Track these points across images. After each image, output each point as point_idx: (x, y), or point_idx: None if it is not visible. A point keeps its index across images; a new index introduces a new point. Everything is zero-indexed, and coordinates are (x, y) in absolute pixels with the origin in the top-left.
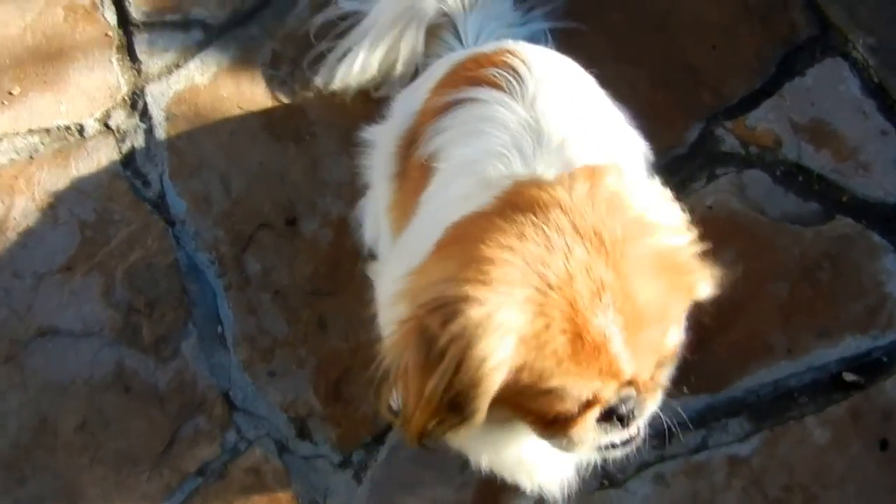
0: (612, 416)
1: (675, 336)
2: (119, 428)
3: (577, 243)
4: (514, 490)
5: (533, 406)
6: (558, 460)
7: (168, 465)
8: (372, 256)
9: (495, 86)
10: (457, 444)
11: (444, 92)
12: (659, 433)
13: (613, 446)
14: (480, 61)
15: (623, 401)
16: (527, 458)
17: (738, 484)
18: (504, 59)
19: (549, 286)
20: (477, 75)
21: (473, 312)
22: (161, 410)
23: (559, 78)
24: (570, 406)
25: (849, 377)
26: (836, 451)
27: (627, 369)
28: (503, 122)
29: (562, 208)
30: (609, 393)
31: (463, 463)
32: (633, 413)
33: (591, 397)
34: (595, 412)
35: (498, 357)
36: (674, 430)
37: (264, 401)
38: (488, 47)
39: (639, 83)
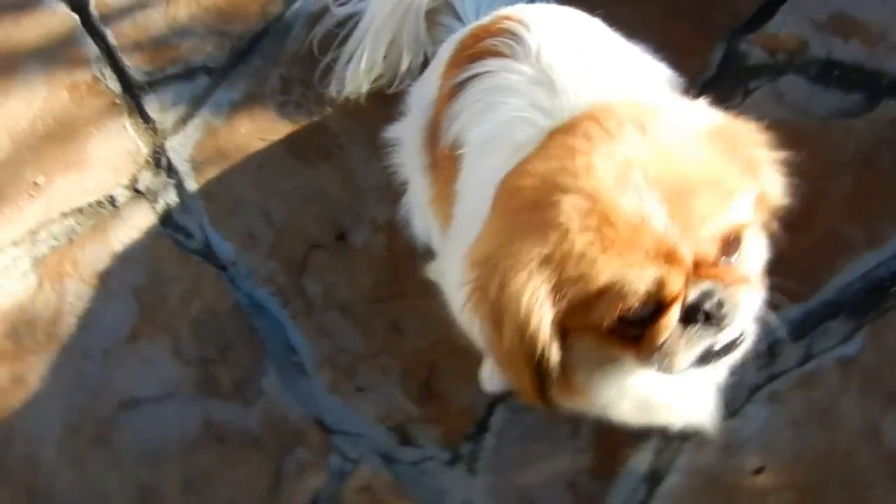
0: (698, 316)
1: (744, 211)
2: (222, 479)
3: (604, 139)
4: (632, 443)
5: (606, 320)
6: (695, 387)
7: (278, 499)
8: (428, 253)
9: (497, 54)
10: (594, 403)
11: (451, 75)
12: (762, 352)
13: (718, 354)
14: (479, 35)
15: (705, 295)
16: (662, 395)
17: (853, 385)
18: (501, 25)
19: (564, 190)
20: (478, 50)
21: (501, 263)
22: (259, 452)
23: (560, 27)
24: (636, 304)
25: None
26: None
27: (683, 248)
28: (514, 88)
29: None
30: (676, 282)
31: (573, 428)
32: (721, 307)
33: (654, 289)
34: (673, 312)
35: (528, 291)
36: (776, 347)
37: (359, 418)
38: (486, 19)
39: (651, 19)
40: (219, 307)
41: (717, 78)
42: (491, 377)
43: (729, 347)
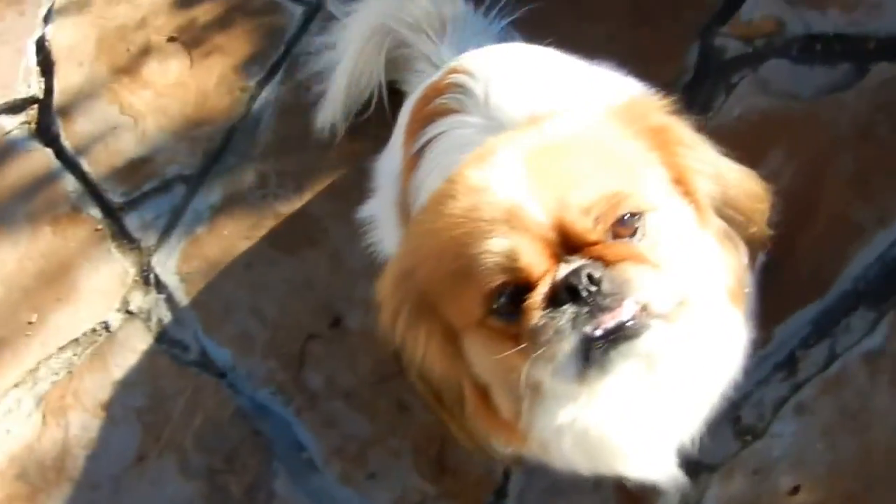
0: (564, 296)
1: (646, 190)
2: None
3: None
4: (655, 494)
5: (478, 310)
6: (648, 434)
7: None
8: None
9: (448, 112)
10: (532, 441)
11: (410, 142)
12: (782, 364)
13: (606, 344)
14: (430, 95)
15: (574, 272)
16: (607, 438)
17: (883, 379)
18: (448, 81)
19: (445, 202)
20: (430, 111)
21: None
22: None
23: (505, 67)
24: (495, 282)
25: None
26: None
27: (538, 215)
28: (466, 142)
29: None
30: (531, 254)
31: (593, 483)
32: (595, 284)
33: (507, 262)
34: (539, 291)
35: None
36: (796, 354)
37: None
38: (435, 76)
39: (617, 31)
40: (221, 416)
41: (696, 79)
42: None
43: (616, 335)
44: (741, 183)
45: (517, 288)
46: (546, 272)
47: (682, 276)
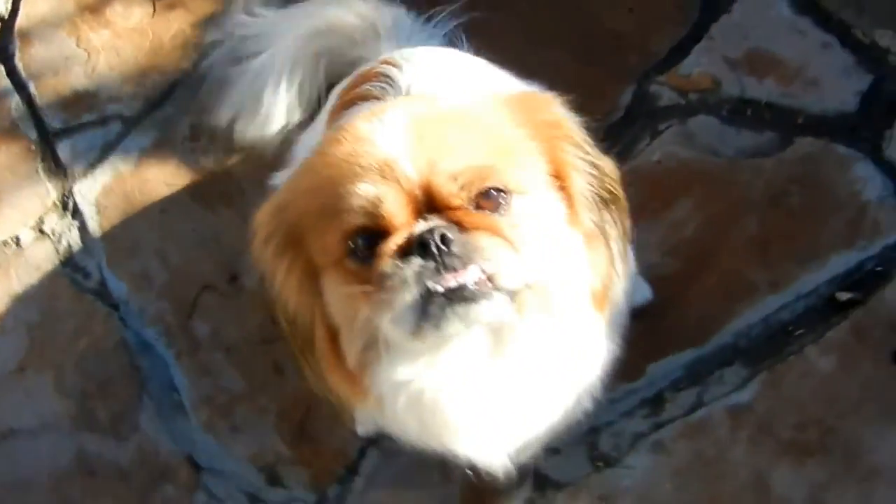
0: (415, 250)
1: (514, 171)
2: None
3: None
4: (504, 493)
5: (337, 245)
6: (485, 416)
7: None
8: None
9: (370, 98)
10: (372, 397)
11: (331, 123)
12: (649, 401)
13: (444, 303)
14: (358, 81)
15: (431, 230)
16: (444, 409)
17: (744, 434)
18: (377, 69)
19: (329, 148)
20: (355, 95)
21: None
22: (127, 486)
23: (432, 66)
24: (357, 222)
25: (843, 296)
26: (846, 376)
27: (410, 171)
28: None
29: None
30: (394, 204)
31: (444, 475)
32: (447, 244)
33: (371, 207)
34: (394, 240)
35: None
36: (664, 394)
37: (230, 457)
38: (368, 65)
39: (563, 64)
40: (105, 344)
41: (625, 119)
42: (363, 423)
43: (455, 296)
44: (610, 175)
45: (375, 233)
46: (404, 225)
47: (536, 261)
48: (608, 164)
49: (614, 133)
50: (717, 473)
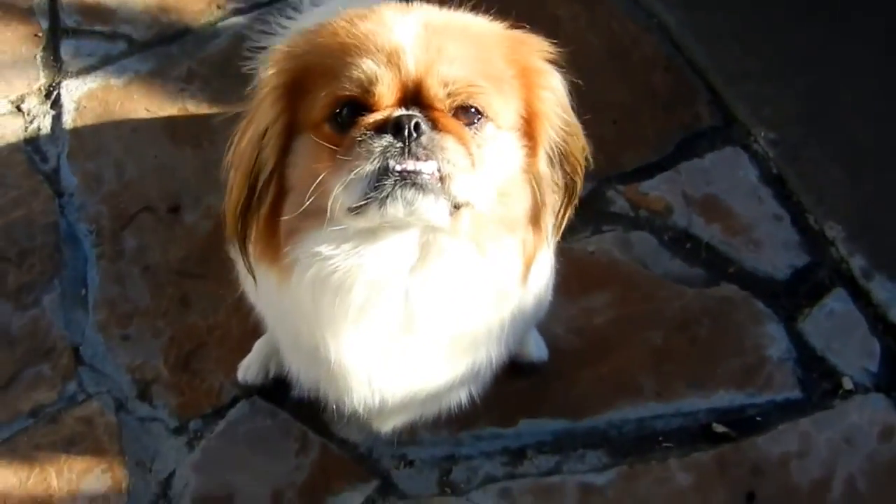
0: (396, 128)
1: (495, 99)
2: None
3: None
4: (349, 480)
5: (322, 110)
6: (383, 331)
7: (2, 402)
8: None
9: None
10: (284, 273)
11: None
12: (511, 451)
13: (397, 180)
14: None
15: (409, 117)
16: (343, 296)
17: None
18: None
19: (347, 22)
20: None
21: None
22: (9, 352)
23: None
24: (360, 80)
25: (719, 428)
26: (699, 496)
27: (411, 62)
28: None
29: None
30: (385, 84)
31: (302, 446)
32: (417, 133)
33: (366, 81)
34: (376, 115)
35: (269, 83)
36: (527, 452)
37: (112, 361)
38: None
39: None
40: (38, 221)
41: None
42: (248, 367)
43: (408, 180)
44: (578, 141)
45: (361, 107)
46: (388, 107)
47: (484, 187)
48: (580, 134)
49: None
50: None
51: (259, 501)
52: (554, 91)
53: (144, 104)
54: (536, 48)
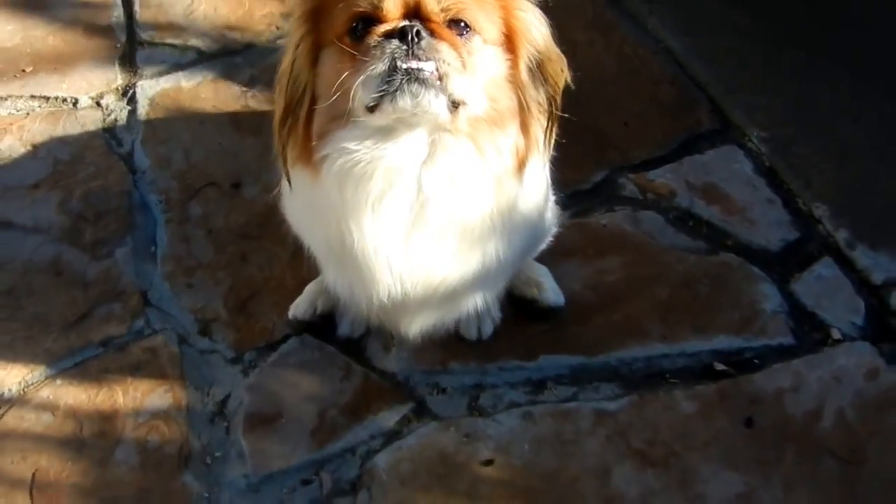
0: (402, 35)
1: (480, 16)
2: (42, 299)
3: None
4: (388, 401)
5: (342, 25)
6: (401, 218)
7: (76, 333)
8: None
9: None
10: (317, 170)
11: None
12: (533, 381)
13: (403, 76)
14: None
15: (411, 26)
16: (365, 179)
17: (602, 432)
18: None
19: None
20: None
21: None
22: (83, 293)
23: None
24: (363, 8)
25: (719, 366)
26: (702, 421)
27: None
28: None
29: None
30: (392, 5)
31: (346, 372)
32: (419, 39)
33: (377, 1)
34: (386, 26)
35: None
36: (547, 383)
37: (177, 304)
38: None
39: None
40: (113, 189)
41: (590, 192)
42: (298, 305)
43: (412, 76)
44: (553, 55)
45: (372, 20)
46: (395, 19)
47: (477, 88)
48: (559, 60)
49: (578, 197)
50: (569, 452)
51: (305, 417)
52: (525, 13)
53: (211, 102)
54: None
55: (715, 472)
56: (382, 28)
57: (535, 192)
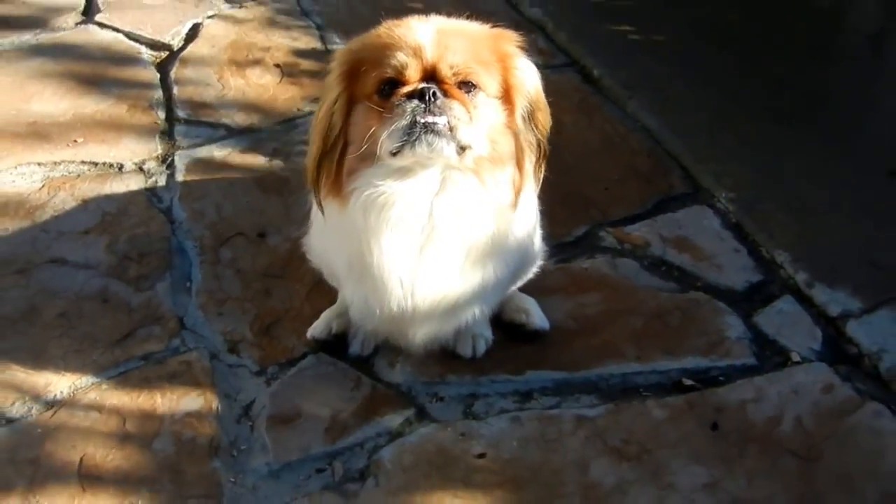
0: (420, 95)
1: (484, 76)
2: (91, 321)
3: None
4: (393, 407)
5: (372, 86)
6: (415, 240)
7: (120, 349)
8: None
9: None
10: (345, 203)
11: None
12: (520, 393)
13: (422, 129)
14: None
15: (428, 88)
16: (386, 210)
17: (582, 433)
18: None
19: (386, 29)
20: None
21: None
22: (127, 317)
23: None
24: (389, 73)
25: (688, 382)
26: (672, 425)
27: (429, 53)
28: None
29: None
30: (413, 70)
31: (356, 383)
32: (434, 99)
33: (399, 66)
34: (408, 88)
35: (335, 71)
36: (532, 394)
37: (209, 328)
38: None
39: (544, 199)
40: (156, 235)
41: (573, 244)
42: (315, 327)
43: (429, 129)
44: (542, 105)
45: (397, 83)
46: (415, 82)
47: (481, 136)
48: (546, 110)
49: (563, 248)
50: (552, 448)
51: (320, 418)
52: (522, 69)
53: (240, 167)
54: (511, 40)
55: (683, 466)
56: (405, 90)
57: (526, 219)
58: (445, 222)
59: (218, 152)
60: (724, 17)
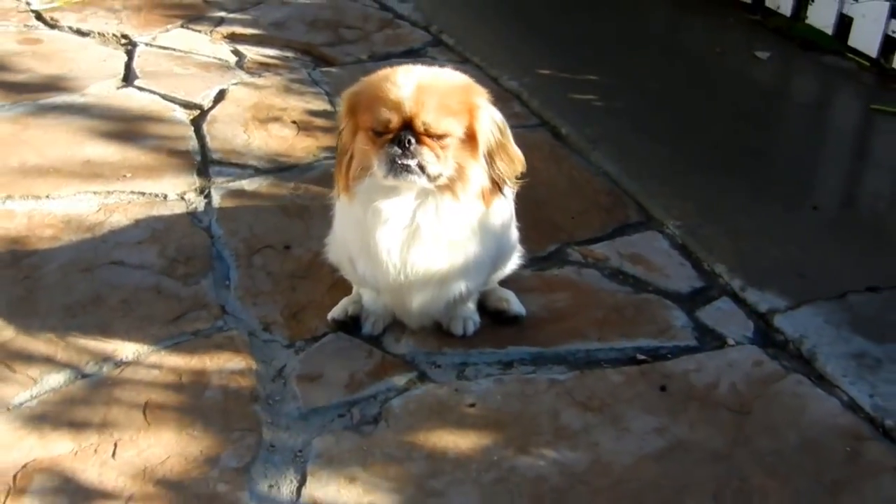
0: (399, 142)
1: (452, 125)
2: (147, 306)
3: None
4: (399, 370)
5: (368, 125)
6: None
7: (173, 326)
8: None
9: None
10: (355, 195)
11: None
12: (503, 363)
13: (400, 167)
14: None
15: (405, 135)
16: (379, 221)
17: (554, 391)
18: None
19: (378, 80)
20: None
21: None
22: (178, 304)
23: None
24: (379, 120)
25: (641, 357)
26: (627, 386)
27: (407, 109)
28: None
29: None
30: (395, 121)
31: (369, 354)
32: (409, 145)
33: (385, 118)
34: (391, 134)
35: (343, 107)
36: (513, 363)
37: (247, 313)
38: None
39: (520, 225)
40: (198, 245)
41: (546, 258)
42: (334, 310)
43: (404, 167)
44: (503, 153)
45: (384, 130)
46: (396, 130)
47: (450, 168)
48: (515, 158)
49: (537, 261)
50: (530, 401)
51: (340, 377)
52: (483, 120)
53: (267, 198)
54: (476, 93)
55: (637, 416)
56: (389, 136)
57: (500, 213)
58: (426, 224)
59: (248, 186)
60: (671, 88)
